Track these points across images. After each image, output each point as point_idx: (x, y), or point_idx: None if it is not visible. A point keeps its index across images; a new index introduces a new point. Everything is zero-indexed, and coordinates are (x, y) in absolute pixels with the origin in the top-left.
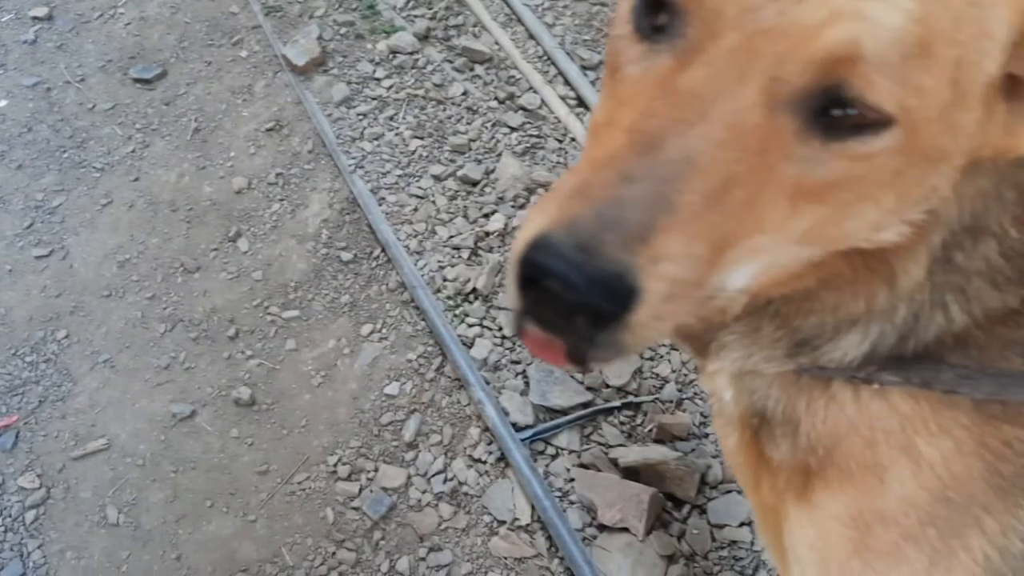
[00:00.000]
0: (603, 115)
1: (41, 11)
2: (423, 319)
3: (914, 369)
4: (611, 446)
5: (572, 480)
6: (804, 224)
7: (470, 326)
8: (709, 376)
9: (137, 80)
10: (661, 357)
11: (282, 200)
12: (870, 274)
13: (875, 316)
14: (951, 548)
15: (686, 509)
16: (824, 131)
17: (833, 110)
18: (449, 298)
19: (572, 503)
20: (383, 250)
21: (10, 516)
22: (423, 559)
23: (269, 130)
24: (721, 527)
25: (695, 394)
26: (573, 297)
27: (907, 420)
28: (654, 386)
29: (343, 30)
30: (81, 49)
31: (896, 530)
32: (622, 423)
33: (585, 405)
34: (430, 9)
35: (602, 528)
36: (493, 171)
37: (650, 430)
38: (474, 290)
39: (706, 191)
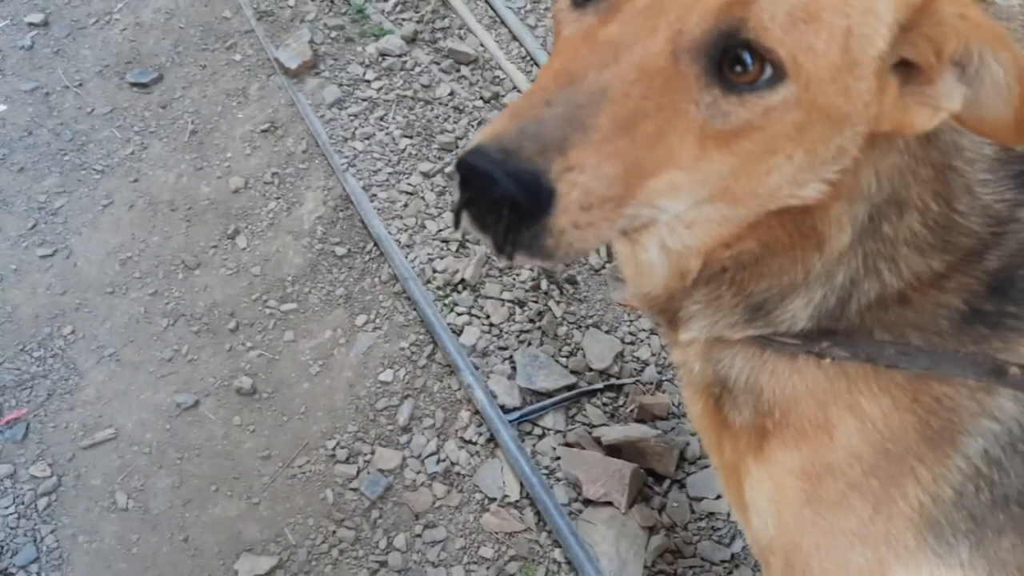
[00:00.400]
0: (542, 68)
1: (37, 17)
2: (414, 309)
3: (861, 346)
4: (594, 425)
5: (558, 458)
6: (718, 169)
7: (459, 314)
8: (681, 348)
9: (134, 84)
10: (641, 341)
11: (278, 198)
12: (803, 240)
13: (815, 281)
14: (891, 496)
15: (666, 483)
16: (724, 83)
17: (734, 67)
18: (439, 288)
19: (558, 480)
20: (375, 244)
21: (23, 503)
22: (419, 536)
23: (264, 131)
24: (699, 500)
25: (674, 375)
26: (496, 191)
27: (853, 382)
28: (635, 369)
29: (333, 34)
30: (78, 54)
31: (843, 481)
32: (605, 404)
33: (569, 388)
34: (417, 12)
35: (587, 503)
36: None
37: (631, 410)
38: (462, 280)
39: (617, 118)
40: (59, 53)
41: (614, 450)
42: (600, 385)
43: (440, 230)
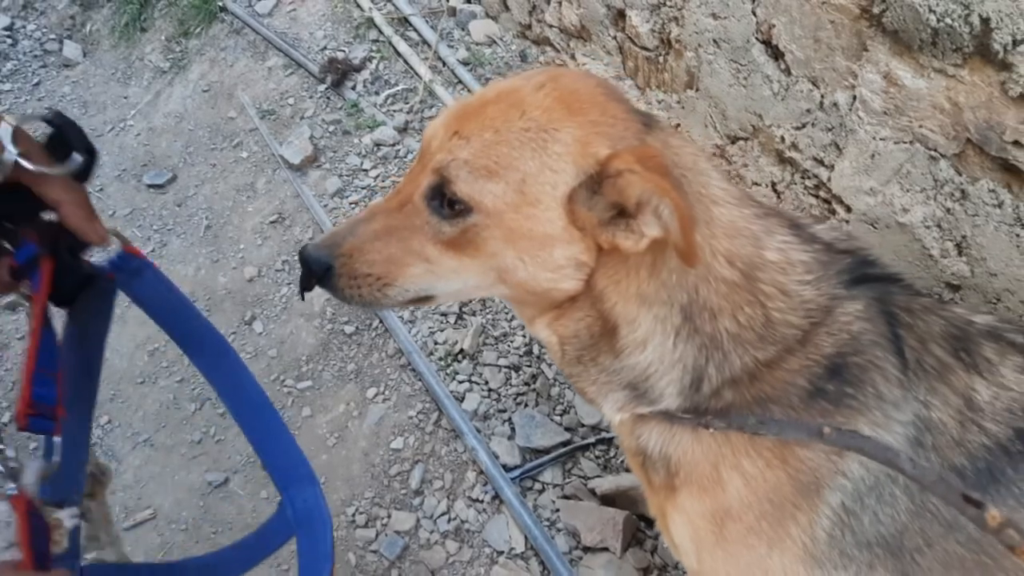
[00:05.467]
0: None
1: None
2: (419, 380)
3: (733, 417)
4: (589, 477)
5: (557, 510)
6: (455, 265)
7: (460, 382)
8: (617, 426)
9: (151, 186)
10: None
11: (289, 284)
12: (607, 331)
13: (662, 369)
14: (780, 536)
15: (656, 527)
16: (442, 213)
17: (453, 205)
18: (441, 359)
19: (559, 530)
20: (381, 322)
21: None
22: None
23: (273, 222)
24: None
25: None
26: (308, 266)
27: (735, 447)
28: None
29: (331, 128)
30: (98, 161)
31: (741, 524)
32: (597, 456)
33: (565, 444)
34: (407, 104)
35: (586, 550)
36: None
37: (622, 460)
38: (461, 350)
39: (374, 231)
40: None
41: (608, 499)
42: (592, 439)
43: (439, 305)
